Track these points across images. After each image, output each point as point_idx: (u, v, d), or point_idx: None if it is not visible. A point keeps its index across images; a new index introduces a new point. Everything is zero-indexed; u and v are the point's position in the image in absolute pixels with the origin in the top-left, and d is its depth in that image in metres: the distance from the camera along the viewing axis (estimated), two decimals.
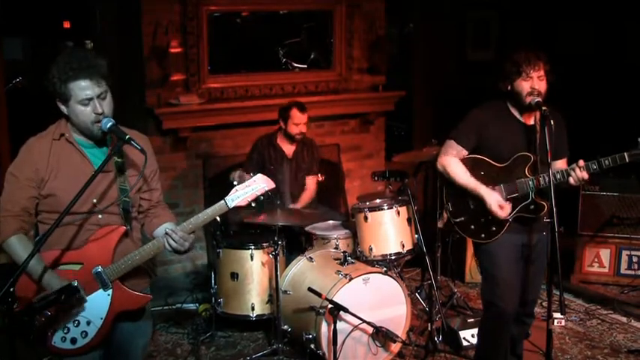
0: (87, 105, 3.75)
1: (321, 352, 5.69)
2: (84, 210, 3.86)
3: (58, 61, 3.74)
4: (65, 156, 3.86)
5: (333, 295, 5.54)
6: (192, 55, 7.71)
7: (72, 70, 3.70)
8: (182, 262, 8.07)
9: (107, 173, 3.91)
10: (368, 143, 8.93)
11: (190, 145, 7.86)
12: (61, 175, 3.83)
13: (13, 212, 3.83)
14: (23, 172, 3.82)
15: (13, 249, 3.81)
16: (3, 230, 3.83)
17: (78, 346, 3.87)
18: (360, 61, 8.69)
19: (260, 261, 6.35)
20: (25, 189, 3.82)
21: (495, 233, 5.00)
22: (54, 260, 3.79)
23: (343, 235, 6.63)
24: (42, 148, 3.85)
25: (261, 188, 3.86)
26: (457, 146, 5.05)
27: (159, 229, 4.08)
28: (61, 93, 3.75)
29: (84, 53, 3.89)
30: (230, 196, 3.84)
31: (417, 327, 6.53)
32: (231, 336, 6.67)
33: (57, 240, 3.84)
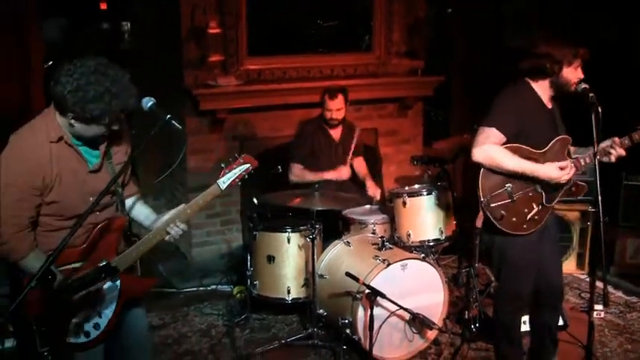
0: (105, 126, 3.69)
1: (356, 337, 5.65)
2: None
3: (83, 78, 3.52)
4: (64, 159, 3.75)
5: (370, 280, 5.49)
6: (231, 36, 7.66)
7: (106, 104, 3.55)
8: (217, 243, 8.07)
9: (98, 171, 3.88)
10: (405, 128, 8.85)
11: (227, 126, 7.83)
12: (63, 179, 3.73)
13: (22, 227, 3.72)
14: (27, 184, 3.65)
15: (30, 265, 3.71)
16: (17, 249, 3.73)
17: (91, 338, 3.91)
18: (400, 44, 8.60)
19: (297, 244, 6.30)
20: (29, 200, 3.69)
21: (538, 222, 4.90)
22: (61, 260, 3.69)
23: (380, 220, 6.58)
24: (42, 153, 3.68)
25: (247, 168, 3.90)
26: (498, 134, 4.78)
27: (148, 215, 4.14)
28: (78, 112, 3.58)
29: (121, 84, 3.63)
30: (221, 179, 3.88)
31: (453, 314, 6.46)
32: (266, 319, 6.64)
33: (57, 242, 3.68)
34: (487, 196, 4.84)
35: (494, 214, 4.83)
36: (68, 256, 3.74)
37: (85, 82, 3.48)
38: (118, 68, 3.62)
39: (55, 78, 3.56)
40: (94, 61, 3.55)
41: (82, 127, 3.64)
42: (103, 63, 3.57)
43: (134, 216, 4.15)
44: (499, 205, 4.83)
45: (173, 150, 7.61)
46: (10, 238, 3.69)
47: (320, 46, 8.36)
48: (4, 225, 3.68)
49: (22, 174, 3.64)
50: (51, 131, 3.69)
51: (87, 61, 3.55)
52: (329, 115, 6.98)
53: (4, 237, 3.69)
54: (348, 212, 6.72)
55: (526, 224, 4.89)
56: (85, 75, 3.50)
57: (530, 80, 4.89)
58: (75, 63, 3.55)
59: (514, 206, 4.85)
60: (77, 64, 3.54)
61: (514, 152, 4.80)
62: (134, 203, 4.16)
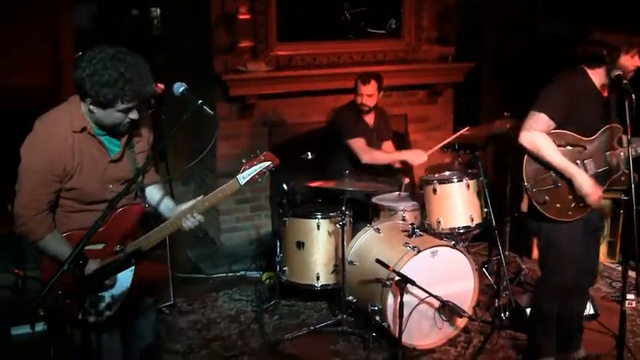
0: (122, 112, 3.71)
1: (386, 324, 5.64)
2: (104, 197, 3.88)
3: (100, 63, 3.55)
4: (86, 149, 3.80)
5: (400, 267, 5.47)
6: (261, 21, 7.67)
7: (119, 89, 3.57)
8: (246, 229, 8.09)
9: (120, 159, 3.93)
10: (435, 115, 8.82)
11: (257, 112, 7.83)
12: (83, 168, 3.79)
13: (40, 209, 3.78)
14: (48, 170, 3.71)
15: (49, 246, 3.81)
16: (35, 231, 3.80)
17: (102, 318, 3.96)
18: (430, 31, 8.56)
19: (326, 230, 6.29)
20: (49, 185, 3.76)
21: (584, 209, 4.85)
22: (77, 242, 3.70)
23: (410, 207, 6.54)
24: (64, 143, 3.73)
25: (267, 165, 3.93)
26: (547, 120, 4.75)
27: (167, 203, 4.18)
28: (93, 96, 3.62)
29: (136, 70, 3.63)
30: (241, 174, 3.91)
31: (483, 302, 6.43)
32: (295, 305, 6.65)
33: (77, 223, 3.87)
34: (531, 181, 4.81)
35: (537, 199, 4.81)
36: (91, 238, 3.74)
37: (102, 67, 3.52)
38: (137, 57, 3.66)
39: (77, 64, 3.61)
40: (113, 49, 3.59)
41: (100, 112, 3.68)
42: (122, 51, 3.61)
43: (152, 203, 4.20)
44: (543, 190, 4.82)
45: (203, 136, 7.63)
46: (29, 220, 3.77)
47: (350, 32, 8.34)
48: (23, 207, 3.76)
49: (44, 161, 3.70)
50: (75, 121, 3.74)
51: (107, 49, 3.59)
52: (360, 100, 6.95)
53: (23, 219, 3.77)
54: (377, 199, 6.70)
55: (571, 211, 4.85)
56: (102, 60, 3.55)
57: (587, 67, 4.83)
58: (95, 50, 3.60)
59: (558, 192, 4.82)
60: (97, 51, 3.59)
61: (559, 138, 4.76)
62: (153, 191, 4.22)
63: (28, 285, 6.65)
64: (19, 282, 6.67)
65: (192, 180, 8.68)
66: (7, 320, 6.22)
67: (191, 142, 8.25)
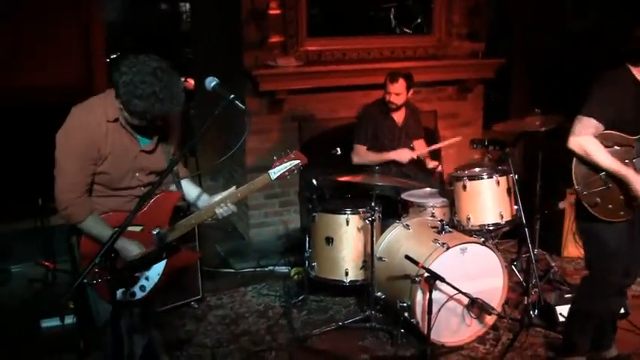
0: (147, 120, 3.83)
1: (414, 320, 5.63)
2: (130, 185, 4.04)
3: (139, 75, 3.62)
4: (118, 137, 3.93)
5: (429, 263, 5.46)
6: (291, 17, 7.68)
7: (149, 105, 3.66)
8: (275, 224, 8.11)
9: (152, 151, 4.06)
10: (465, 111, 8.80)
11: (286, 107, 7.85)
12: (114, 155, 3.92)
13: (79, 193, 3.93)
14: (86, 154, 3.85)
15: (90, 228, 3.97)
16: (77, 214, 3.95)
17: (136, 299, 4.13)
18: (460, 26, 8.54)
19: (356, 226, 6.27)
20: (86, 168, 3.90)
21: (634, 209, 4.80)
22: (117, 223, 3.83)
23: (439, 204, 6.52)
24: (99, 129, 3.86)
25: (297, 163, 4.11)
26: (596, 123, 4.68)
27: (200, 195, 4.31)
28: (124, 102, 3.72)
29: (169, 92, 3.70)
30: (273, 170, 4.09)
31: (512, 300, 6.40)
32: (323, 300, 6.64)
33: (106, 208, 4.02)
34: (581, 184, 4.77)
35: (589, 202, 4.77)
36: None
37: (139, 80, 3.61)
38: (175, 76, 3.74)
39: (118, 64, 3.70)
40: (156, 63, 3.67)
41: (127, 115, 3.81)
42: (162, 67, 3.67)
43: (191, 199, 4.32)
44: (594, 192, 4.76)
45: (232, 131, 7.64)
46: (71, 203, 3.91)
47: (380, 27, 8.32)
48: (64, 191, 3.91)
49: (81, 143, 3.84)
50: (109, 111, 3.88)
51: (150, 61, 3.68)
52: (387, 98, 6.94)
53: (65, 202, 3.92)
54: (407, 195, 6.68)
55: (622, 211, 4.81)
56: (141, 73, 3.62)
57: (631, 65, 4.77)
58: (139, 58, 3.68)
59: (609, 193, 4.77)
60: (140, 60, 3.66)
61: (607, 139, 4.71)
62: (186, 184, 4.33)
63: (57, 277, 6.72)
64: (49, 274, 6.73)
65: (221, 175, 8.70)
66: (37, 313, 6.27)
67: (220, 137, 8.27)
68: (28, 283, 6.86)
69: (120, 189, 4.02)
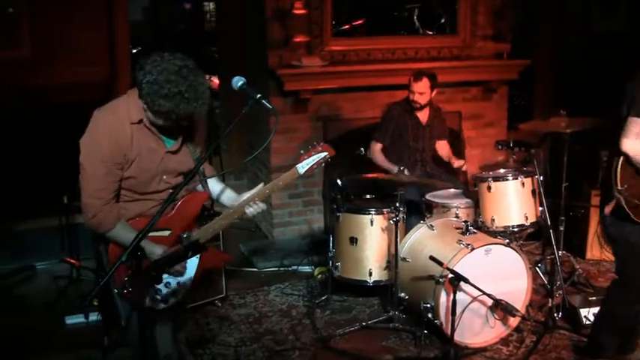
0: (172, 121, 3.76)
1: (438, 321, 5.62)
2: (157, 188, 3.96)
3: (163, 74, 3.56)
4: (143, 139, 3.85)
5: (453, 264, 5.45)
6: (316, 16, 7.69)
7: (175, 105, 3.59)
8: (299, 224, 8.13)
9: (177, 151, 3.97)
10: (489, 112, 8.77)
11: (311, 107, 7.86)
12: (141, 158, 3.85)
13: (107, 199, 3.84)
14: (112, 158, 3.76)
15: (119, 236, 3.86)
16: (105, 222, 3.85)
17: (169, 304, 4.06)
18: (485, 27, 8.52)
19: (380, 227, 6.25)
20: (113, 173, 3.81)
21: None
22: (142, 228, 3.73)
23: (464, 205, 6.51)
24: (124, 132, 3.78)
25: (324, 156, 4.03)
26: None
27: (228, 194, 4.25)
28: (148, 103, 3.65)
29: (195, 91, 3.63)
30: (300, 164, 4.01)
31: (536, 302, 6.36)
32: (347, 300, 6.64)
33: (133, 213, 3.94)
34: (624, 185, 4.74)
35: (629, 203, 4.74)
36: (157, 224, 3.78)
37: (164, 79, 3.54)
38: (201, 75, 3.67)
39: (141, 63, 3.63)
40: (181, 62, 3.60)
41: (151, 115, 3.75)
42: (188, 66, 3.61)
43: (215, 195, 4.26)
44: (636, 193, 4.74)
45: (256, 130, 7.66)
46: (99, 211, 3.82)
47: (404, 28, 8.31)
48: (91, 198, 3.82)
49: (106, 149, 3.75)
50: (132, 113, 3.80)
51: (175, 59, 3.61)
52: (412, 97, 6.93)
53: (93, 210, 3.82)
54: (431, 196, 6.67)
55: None
56: (166, 72, 3.55)
57: None
58: (164, 56, 3.61)
59: None
60: (165, 59, 3.60)
61: None
62: (213, 183, 4.27)
63: (82, 275, 6.75)
64: (73, 272, 6.76)
65: (245, 174, 8.72)
66: (61, 309, 6.31)
67: (244, 136, 8.30)
68: (53, 280, 6.89)
69: (148, 193, 3.95)
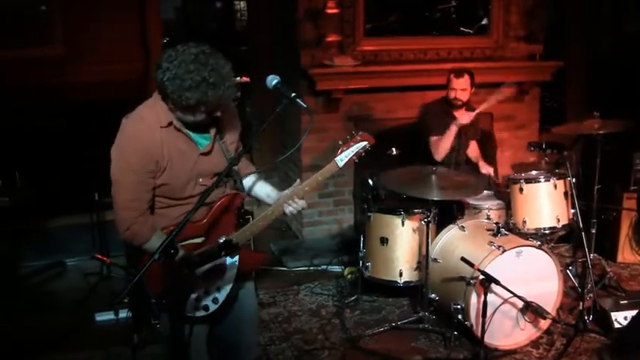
0: (204, 113, 3.66)
1: (468, 323, 5.60)
2: (193, 192, 3.82)
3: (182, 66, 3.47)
4: (173, 143, 3.72)
5: (484, 266, 5.43)
6: (348, 16, 7.69)
7: (202, 94, 3.50)
8: (329, 224, 8.13)
9: (210, 152, 3.86)
10: (521, 113, 8.71)
11: (342, 107, 7.85)
12: (173, 164, 3.72)
13: (141, 210, 3.75)
14: (143, 167, 3.65)
15: (154, 247, 3.61)
16: (141, 233, 3.75)
17: (210, 312, 3.95)
18: (517, 28, 8.47)
19: (411, 227, 6.24)
20: (145, 183, 3.70)
21: None
22: (182, 235, 3.66)
23: (495, 206, 6.49)
24: (154, 138, 3.65)
25: (364, 145, 3.90)
26: None
27: (267, 191, 4.13)
28: (175, 100, 3.55)
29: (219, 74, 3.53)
30: (339, 156, 3.89)
31: (566, 305, 6.31)
32: (376, 301, 6.63)
33: (170, 219, 3.81)
34: None
35: None
36: (189, 231, 3.75)
37: (184, 71, 3.45)
38: (220, 57, 3.56)
39: (158, 63, 3.53)
40: (196, 49, 3.50)
41: (181, 114, 3.64)
42: (205, 51, 3.51)
43: (255, 193, 4.17)
44: None
45: (287, 129, 7.66)
46: (133, 223, 3.71)
47: (436, 28, 8.29)
48: (125, 210, 3.72)
49: (137, 158, 3.65)
50: (161, 116, 3.68)
51: (189, 49, 3.51)
52: (453, 95, 6.88)
53: (127, 222, 3.72)
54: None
55: None
56: (184, 63, 3.46)
57: None
58: (177, 49, 3.51)
59: None
60: (179, 51, 3.50)
61: None
62: (255, 181, 4.17)
63: (112, 272, 6.78)
64: (104, 269, 6.80)
65: (276, 173, 8.72)
66: (91, 306, 6.34)
67: (276, 135, 8.30)
68: (83, 277, 6.93)
69: (183, 198, 3.82)
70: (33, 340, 5.87)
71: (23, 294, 6.73)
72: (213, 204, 3.85)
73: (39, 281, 7.03)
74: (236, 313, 4.15)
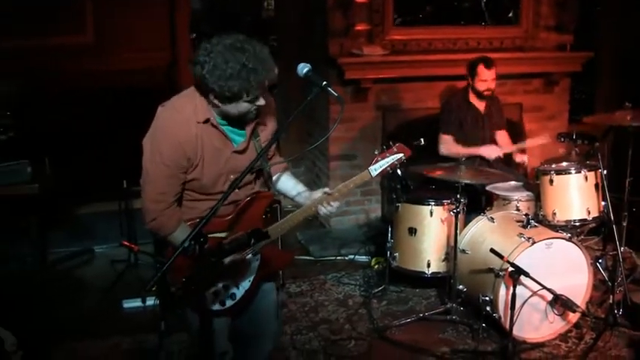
0: (249, 102, 3.62)
1: (497, 315, 5.57)
2: (224, 189, 3.79)
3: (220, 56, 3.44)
4: (208, 139, 3.71)
5: (514, 257, 5.38)
6: (377, 5, 7.71)
7: (244, 80, 3.47)
8: (356, 214, 8.14)
9: (244, 151, 3.84)
10: (551, 104, 8.66)
11: (371, 96, 7.83)
12: (205, 160, 3.71)
13: (169, 203, 3.73)
14: (175, 161, 3.64)
15: (178, 239, 3.70)
16: (166, 225, 3.75)
17: (226, 307, 3.95)
18: (548, 18, 8.43)
19: (439, 218, 6.22)
20: (176, 177, 3.69)
21: None
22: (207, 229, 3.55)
23: (525, 198, 6.43)
24: (189, 132, 3.64)
25: (399, 157, 3.92)
26: None
27: (299, 190, 4.10)
28: (217, 91, 3.52)
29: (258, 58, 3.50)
30: (373, 166, 3.91)
31: (595, 298, 6.26)
32: (403, 291, 6.62)
33: (200, 212, 3.79)
34: None
35: None
36: (214, 226, 3.73)
37: (222, 60, 3.43)
38: (255, 42, 3.54)
39: (194, 58, 3.53)
40: (230, 38, 3.49)
41: (225, 105, 3.61)
42: (239, 39, 3.50)
43: (280, 188, 4.16)
44: None
45: (314, 118, 7.64)
46: (160, 215, 3.72)
47: (466, 17, 8.24)
48: (152, 201, 3.72)
49: (170, 151, 3.63)
50: (199, 112, 3.67)
51: (223, 39, 3.49)
52: (484, 86, 6.87)
53: (154, 213, 3.72)
54: (491, 187, 6.60)
55: None
56: (221, 53, 3.44)
57: None
58: (211, 41, 3.50)
59: None
60: (214, 43, 3.49)
61: None
62: (280, 175, 4.16)
63: (140, 259, 6.81)
64: (131, 256, 6.83)
65: (303, 162, 8.72)
66: (119, 293, 6.37)
67: (303, 124, 8.29)
68: (111, 264, 6.97)
69: (213, 193, 3.82)
70: (61, 326, 5.91)
71: (52, 280, 6.76)
72: (241, 201, 3.84)
73: (67, 268, 7.09)
74: (255, 305, 4.14)
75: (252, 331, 4.23)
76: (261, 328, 4.26)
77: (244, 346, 4.24)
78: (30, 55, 7.34)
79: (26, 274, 6.70)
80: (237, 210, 3.84)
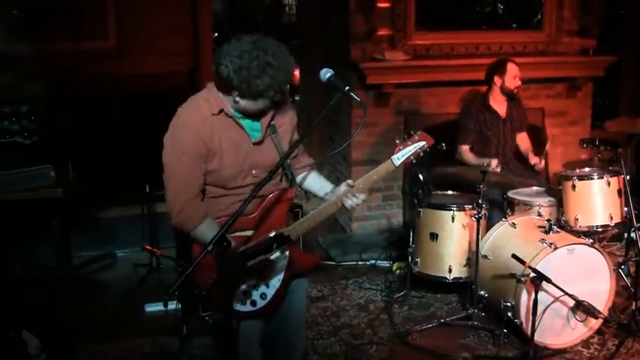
0: (269, 99, 3.68)
1: (518, 321, 5.54)
2: (246, 182, 3.83)
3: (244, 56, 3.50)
4: (225, 131, 3.75)
5: (536, 263, 5.36)
6: (399, 10, 7.69)
7: (270, 78, 3.53)
8: (377, 218, 8.12)
9: (261, 143, 3.86)
10: (573, 109, 8.61)
11: (393, 101, 7.83)
12: (224, 151, 3.75)
13: (193, 195, 3.76)
14: (195, 150, 3.68)
15: (204, 235, 3.69)
16: (191, 218, 3.75)
17: (258, 307, 3.92)
18: (571, 22, 8.38)
19: (461, 223, 6.20)
20: (196, 167, 3.72)
21: None
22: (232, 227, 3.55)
23: (547, 203, 6.40)
24: (205, 125, 3.70)
25: (422, 145, 3.86)
26: None
27: (324, 186, 4.10)
28: (243, 89, 3.58)
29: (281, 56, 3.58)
30: (395, 155, 3.83)
31: (618, 305, 6.20)
32: (425, 296, 6.60)
33: (224, 209, 3.83)
34: None
35: None
36: (240, 224, 3.72)
37: (248, 60, 3.49)
38: (274, 40, 3.61)
39: (217, 60, 3.57)
40: (250, 38, 3.55)
41: (248, 102, 3.66)
42: (259, 38, 3.57)
43: (307, 187, 4.16)
44: None
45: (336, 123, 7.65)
46: (185, 207, 3.73)
47: (488, 22, 8.23)
48: (177, 194, 3.74)
49: (190, 142, 3.68)
50: (213, 105, 3.73)
51: (244, 39, 3.55)
52: (513, 85, 6.90)
53: (179, 205, 3.73)
54: (513, 193, 6.58)
55: None
56: (245, 53, 3.50)
57: None
58: (232, 42, 3.56)
59: None
60: (235, 44, 3.54)
61: None
62: (307, 174, 4.16)
63: (162, 264, 6.83)
64: (154, 260, 6.85)
65: (325, 166, 8.73)
66: (141, 297, 6.39)
67: (325, 128, 8.30)
68: (133, 268, 6.99)
69: (235, 188, 3.84)
70: (83, 329, 5.93)
71: (74, 284, 6.79)
72: (265, 197, 3.84)
73: (90, 271, 7.12)
74: (284, 311, 4.13)
75: (280, 338, 4.23)
76: (290, 335, 4.27)
77: (272, 354, 4.24)
78: (53, 59, 7.39)
79: (49, 277, 6.73)
80: (262, 207, 3.85)
